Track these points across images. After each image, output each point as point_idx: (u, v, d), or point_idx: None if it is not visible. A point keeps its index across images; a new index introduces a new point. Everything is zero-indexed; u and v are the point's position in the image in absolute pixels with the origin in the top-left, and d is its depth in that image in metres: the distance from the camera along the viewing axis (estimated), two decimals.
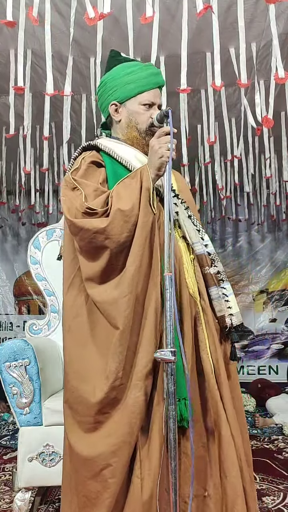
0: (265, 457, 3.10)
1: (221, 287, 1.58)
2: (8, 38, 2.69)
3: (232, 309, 1.57)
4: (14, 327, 5.78)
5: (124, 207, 1.43)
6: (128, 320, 1.39)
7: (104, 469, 1.37)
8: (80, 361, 1.49)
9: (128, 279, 1.41)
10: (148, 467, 1.37)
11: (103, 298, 1.44)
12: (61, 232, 2.53)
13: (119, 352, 1.39)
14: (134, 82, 1.69)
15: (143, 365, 1.39)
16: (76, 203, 1.50)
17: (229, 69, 2.76)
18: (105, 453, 1.37)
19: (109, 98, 1.72)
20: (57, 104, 3.18)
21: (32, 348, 2.01)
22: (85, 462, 1.40)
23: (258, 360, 5.47)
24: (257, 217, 5.46)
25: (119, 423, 1.38)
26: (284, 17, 2.60)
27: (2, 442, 3.51)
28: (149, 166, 1.50)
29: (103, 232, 1.42)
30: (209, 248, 1.59)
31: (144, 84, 1.69)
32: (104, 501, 1.37)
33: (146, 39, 2.48)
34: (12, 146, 3.66)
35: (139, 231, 1.43)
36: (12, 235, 5.92)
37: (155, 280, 1.45)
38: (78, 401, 1.45)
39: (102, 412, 1.41)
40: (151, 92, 1.69)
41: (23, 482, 1.96)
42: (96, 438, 1.41)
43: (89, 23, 2.11)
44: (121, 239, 1.42)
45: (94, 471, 1.38)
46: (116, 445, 1.36)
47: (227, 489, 1.42)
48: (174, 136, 1.47)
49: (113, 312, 1.41)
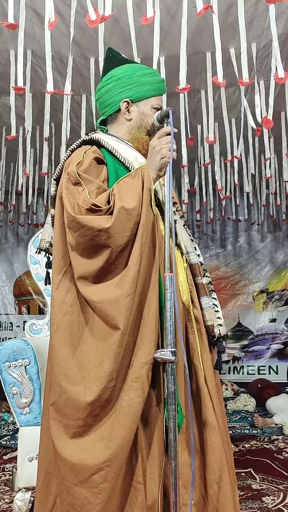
0: (265, 457, 3.10)
1: (212, 297, 1.62)
2: (8, 38, 2.69)
3: (220, 319, 1.61)
4: (14, 327, 5.79)
5: (128, 206, 1.40)
6: (128, 320, 1.36)
7: (95, 474, 1.30)
8: (69, 361, 1.42)
9: (131, 279, 1.37)
10: (150, 471, 1.35)
11: (100, 298, 1.39)
12: None
13: (117, 353, 1.35)
14: (150, 84, 1.68)
15: (140, 366, 1.35)
16: (78, 199, 1.44)
17: (229, 69, 2.77)
18: (97, 458, 1.31)
19: (121, 94, 1.67)
20: (57, 104, 3.18)
21: (32, 348, 2.01)
22: (73, 467, 1.33)
23: (258, 360, 5.47)
24: (257, 217, 5.46)
25: (112, 426, 1.33)
26: (284, 17, 2.60)
27: (2, 442, 3.51)
28: (150, 166, 1.49)
29: (107, 231, 1.38)
30: (201, 259, 1.65)
31: (157, 88, 1.71)
32: (93, 508, 1.30)
33: (147, 39, 2.48)
34: (12, 146, 3.66)
35: (141, 231, 1.41)
36: (12, 235, 5.92)
37: (154, 280, 1.44)
38: (67, 403, 1.38)
39: (92, 415, 1.36)
40: (160, 98, 1.73)
41: (23, 482, 1.96)
42: (86, 442, 1.35)
43: (91, 25, 2.12)
44: (124, 238, 1.39)
45: (82, 476, 1.32)
46: (110, 448, 1.31)
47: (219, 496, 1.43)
48: (174, 136, 1.47)
49: (113, 312, 1.36)
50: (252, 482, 2.63)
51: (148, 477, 1.35)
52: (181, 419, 1.42)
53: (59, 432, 1.39)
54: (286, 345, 5.45)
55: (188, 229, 1.68)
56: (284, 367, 5.39)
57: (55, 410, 1.40)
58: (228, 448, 1.59)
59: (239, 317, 5.58)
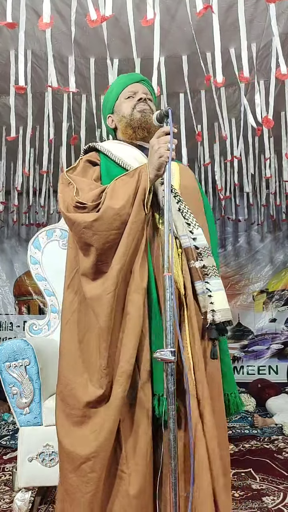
0: (265, 457, 3.10)
1: (205, 281, 1.51)
2: (8, 38, 2.69)
3: (214, 304, 1.49)
4: (14, 327, 5.78)
5: (115, 205, 1.45)
6: (109, 317, 1.42)
7: (84, 463, 1.39)
8: (75, 355, 1.51)
9: (112, 277, 1.43)
10: (135, 462, 1.38)
11: (91, 294, 1.47)
12: (61, 232, 2.53)
13: (104, 348, 1.42)
14: (113, 90, 1.84)
15: (125, 361, 1.40)
16: (68, 197, 1.54)
17: (229, 69, 2.77)
18: (86, 448, 1.39)
19: (105, 115, 1.88)
20: (57, 104, 3.18)
21: (32, 348, 2.01)
22: (69, 455, 1.43)
23: (258, 360, 5.47)
24: (256, 217, 5.46)
25: (105, 419, 1.40)
26: (284, 17, 2.60)
27: (2, 442, 3.51)
28: (149, 166, 1.50)
29: (90, 228, 1.45)
30: (197, 242, 1.54)
31: (122, 83, 1.82)
32: (82, 496, 1.38)
33: (147, 39, 2.48)
34: (12, 146, 3.66)
35: (128, 230, 1.44)
36: (12, 235, 5.92)
37: (140, 279, 1.45)
38: (71, 394, 1.47)
39: (90, 406, 1.43)
40: (129, 87, 1.79)
41: (23, 482, 1.96)
42: (82, 432, 1.43)
43: (91, 25, 2.12)
44: (110, 236, 1.44)
45: (75, 464, 1.41)
46: (97, 440, 1.38)
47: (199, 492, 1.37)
48: (174, 136, 1.47)
49: (97, 309, 1.44)
50: (252, 482, 2.63)
51: (132, 468, 1.38)
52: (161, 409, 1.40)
53: (62, 421, 1.49)
54: (286, 345, 5.45)
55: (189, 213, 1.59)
56: (284, 367, 5.39)
57: (61, 399, 1.51)
58: (223, 447, 1.49)
59: (239, 317, 5.57)
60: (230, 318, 1.50)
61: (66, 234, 2.51)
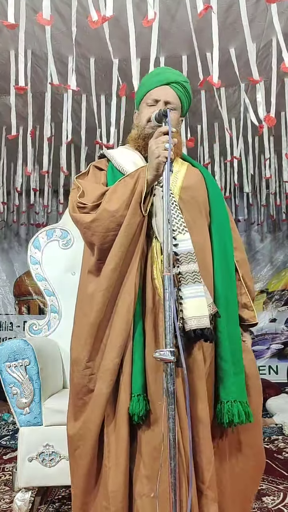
0: (265, 457, 3.09)
1: (178, 288, 1.47)
2: (8, 38, 2.69)
3: (184, 312, 1.44)
4: (14, 327, 5.79)
5: (110, 208, 1.47)
6: (98, 314, 1.47)
7: (76, 450, 1.51)
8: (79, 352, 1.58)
9: (105, 276, 1.47)
10: (115, 457, 1.42)
11: (89, 291, 1.54)
12: (61, 232, 2.53)
13: (89, 343, 1.49)
14: (142, 86, 1.77)
15: (110, 358, 1.45)
16: (74, 198, 1.60)
17: (229, 69, 2.77)
18: (76, 436, 1.51)
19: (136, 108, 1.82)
20: (57, 104, 3.18)
21: (32, 348, 2.01)
22: (69, 439, 1.55)
23: (258, 360, 5.47)
24: (256, 217, 5.46)
25: (90, 410, 1.48)
26: (284, 17, 2.60)
27: (2, 442, 3.51)
28: (148, 167, 1.49)
29: (89, 228, 1.50)
30: (179, 248, 1.50)
31: (148, 84, 1.72)
32: (79, 477, 1.49)
33: (147, 39, 2.48)
34: (12, 146, 3.67)
35: (122, 232, 1.46)
36: (12, 235, 5.92)
37: (131, 279, 1.47)
38: (73, 384, 1.56)
39: (79, 397, 1.52)
40: (156, 90, 1.69)
41: (23, 482, 1.96)
42: (77, 420, 1.52)
43: (92, 26, 2.12)
44: (107, 237, 1.48)
45: (72, 448, 1.53)
46: (82, 429, 1.49)
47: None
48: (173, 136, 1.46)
49: (90, 305, 1.50)
50: None
51: (113, 462, 1.42)
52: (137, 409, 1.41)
53: (70, 408, 1.59)
54: (286, 345, 5.46)
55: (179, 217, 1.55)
56: (284, 367, 5.39)
57: (71, 391, 1.59)
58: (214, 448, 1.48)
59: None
60: (205, 326, 1.43)
61: (66, 234, 2.51)
